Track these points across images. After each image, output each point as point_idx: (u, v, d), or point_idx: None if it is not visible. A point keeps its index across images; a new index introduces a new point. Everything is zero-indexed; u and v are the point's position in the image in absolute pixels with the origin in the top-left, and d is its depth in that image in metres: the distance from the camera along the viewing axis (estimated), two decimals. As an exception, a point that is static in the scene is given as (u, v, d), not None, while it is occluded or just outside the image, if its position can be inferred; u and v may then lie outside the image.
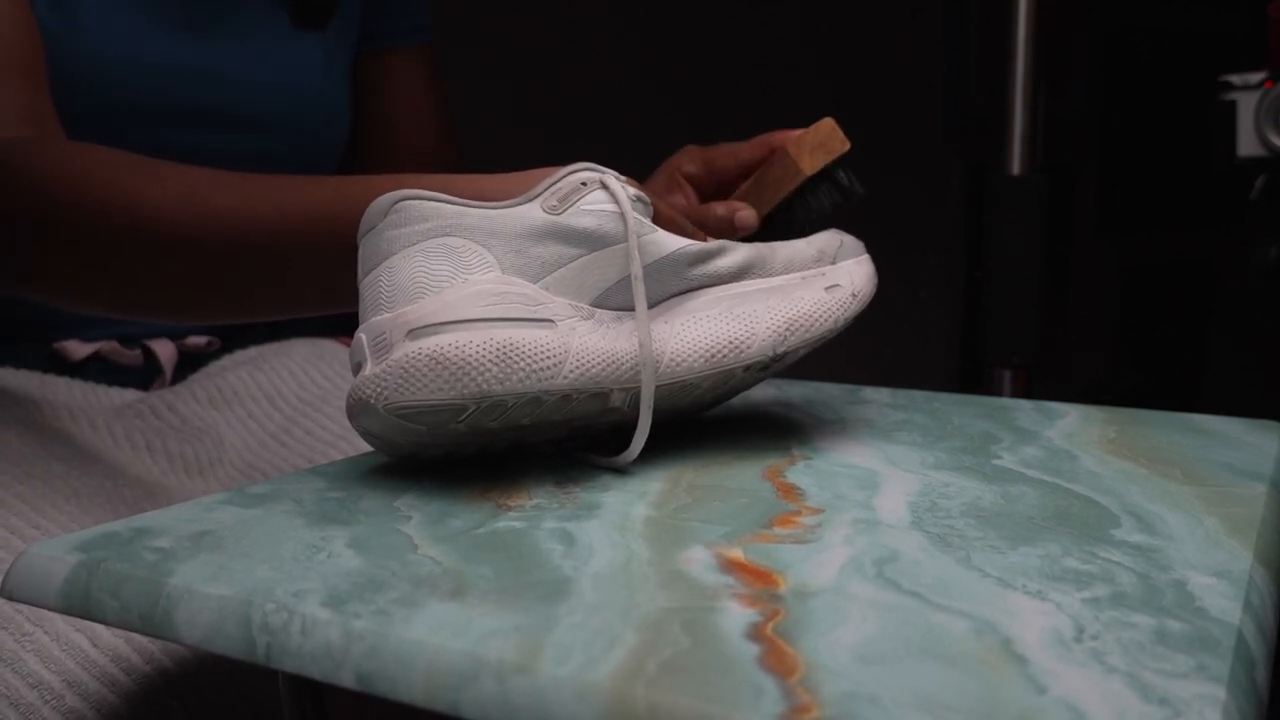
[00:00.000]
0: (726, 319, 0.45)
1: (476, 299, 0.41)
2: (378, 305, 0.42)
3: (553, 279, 0.43)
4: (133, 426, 0.70)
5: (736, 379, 0.46)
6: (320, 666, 0.29)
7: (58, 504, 0.55)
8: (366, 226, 0.43)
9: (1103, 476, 0.44)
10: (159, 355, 0.76)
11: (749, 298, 0.46)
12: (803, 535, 0.36)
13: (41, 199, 0.53)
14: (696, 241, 0.46)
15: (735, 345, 0.45)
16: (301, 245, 0.52)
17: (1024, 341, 1.08)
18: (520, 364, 0.40)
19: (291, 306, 0.55)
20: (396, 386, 0.40)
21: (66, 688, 0.46)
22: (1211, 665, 0.26)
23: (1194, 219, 1.81)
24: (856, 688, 0.25)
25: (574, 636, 0.28)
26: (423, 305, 0.41)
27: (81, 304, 0.56)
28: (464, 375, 0.40)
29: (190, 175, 0.54)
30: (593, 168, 0.45)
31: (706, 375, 0.44)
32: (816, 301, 0.46)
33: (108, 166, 0.54)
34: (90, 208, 0.53)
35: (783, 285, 0.47)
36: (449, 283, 0.42)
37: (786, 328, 0.45)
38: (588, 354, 0.42)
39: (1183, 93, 1.70)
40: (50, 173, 0.54)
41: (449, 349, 0.40)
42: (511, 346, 0.40)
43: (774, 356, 0.45)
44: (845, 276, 0.48)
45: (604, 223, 0.44)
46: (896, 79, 2.38)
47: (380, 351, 0.41)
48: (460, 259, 0.42)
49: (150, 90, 0.70)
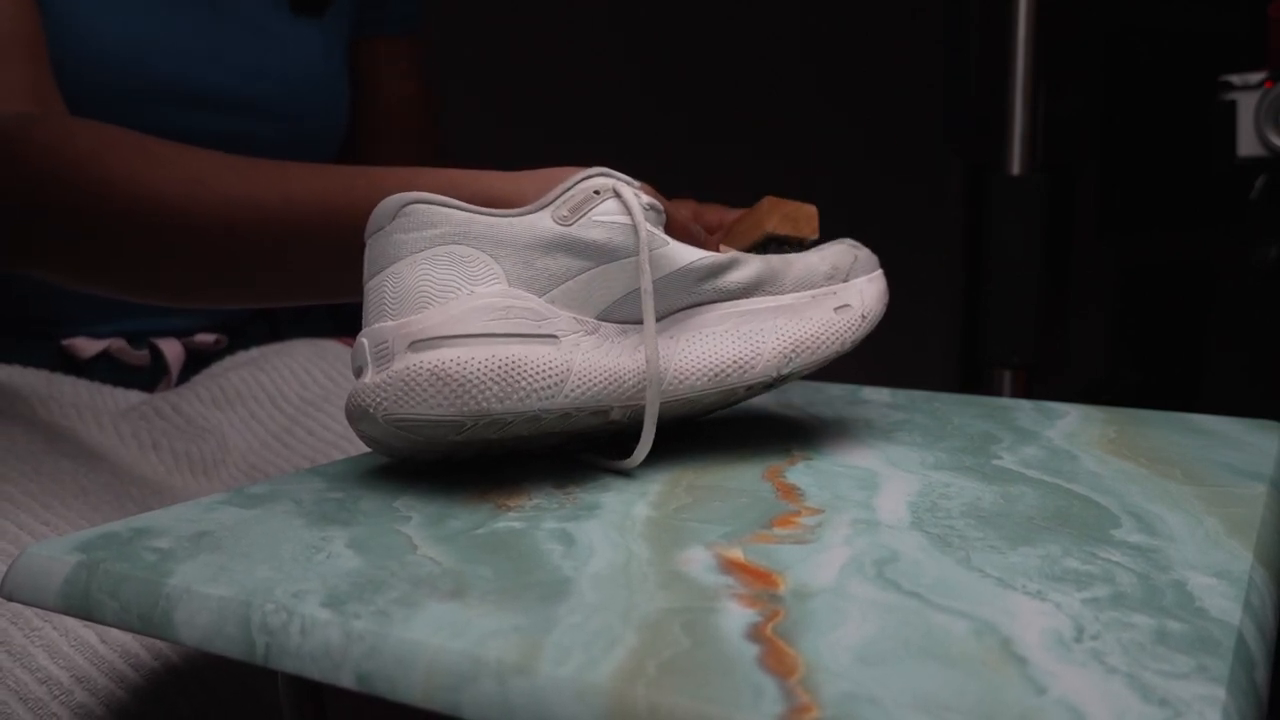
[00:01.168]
0: (733, 337, 0.45)
1: (481, 313, 0.41)
2: (382, 311, 0.42)
3: (559, 292, 0.43)
4: (138, 426, 0.70)
5: (739, 396, 0.46)
6: (320, 667, 0.29)
7: (66, 501, 0.55)
8: (374, 227, 0.43)
9: (1103, 476, 0.44)
10: (166, 356, 0.77)
11: (757, 316, 0.46)
12: (803, 535, 0.36)
13: (45, 175, 0.53)
14: (709, 254, 0.45)
15: (740, 365, 0.44)
16: (306, 235, 0.52)
17: (1024, 341, 1.08)
18: (522, 383, 0.40)
19: (294, 295, 0.55)
20: (396, 398, 0.40)
21: (76, 683, 0.46)
22: (1211, 666, 0.26)
23: (1194, 219, 1.81)
24: (856, 688, 0.25)
25: (574, 637, 0.28)
26: (427, 316, 0.41)
27: (80, 282, 0.56)
28: (464, 392, 0.39)
29: (197, 159, 0.53)
30: (607, 174, 0.45)
31: (709, 393, 0.44)
32: (825, 323, 0.46)
33: (113, 146, 0.53)
34: (94, 187, 0.52)
35: (792, 304, 0.46)
36: (454, 293, 0.41)
37: (793, 349, 0.45)
38: (590, 372, 0.42)
39: (1183, 93, 1.71)
40: (54, 149, 0.53)
41: (451, 365, 0.40)
42: (513, 365, 0.40)
43: (778, 377, 0.45)
44: (856, 296, 0.47)
45: (615, 235, 0.43)
46: (896, 79, 2.38)
47: (382, 360, 0.41)
48: (467, 269, 0.42)
49: (149, 72, 0.70)
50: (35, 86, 0.61)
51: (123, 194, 0.52)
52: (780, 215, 0.59)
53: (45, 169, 0.53)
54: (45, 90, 0.61)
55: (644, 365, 0.43)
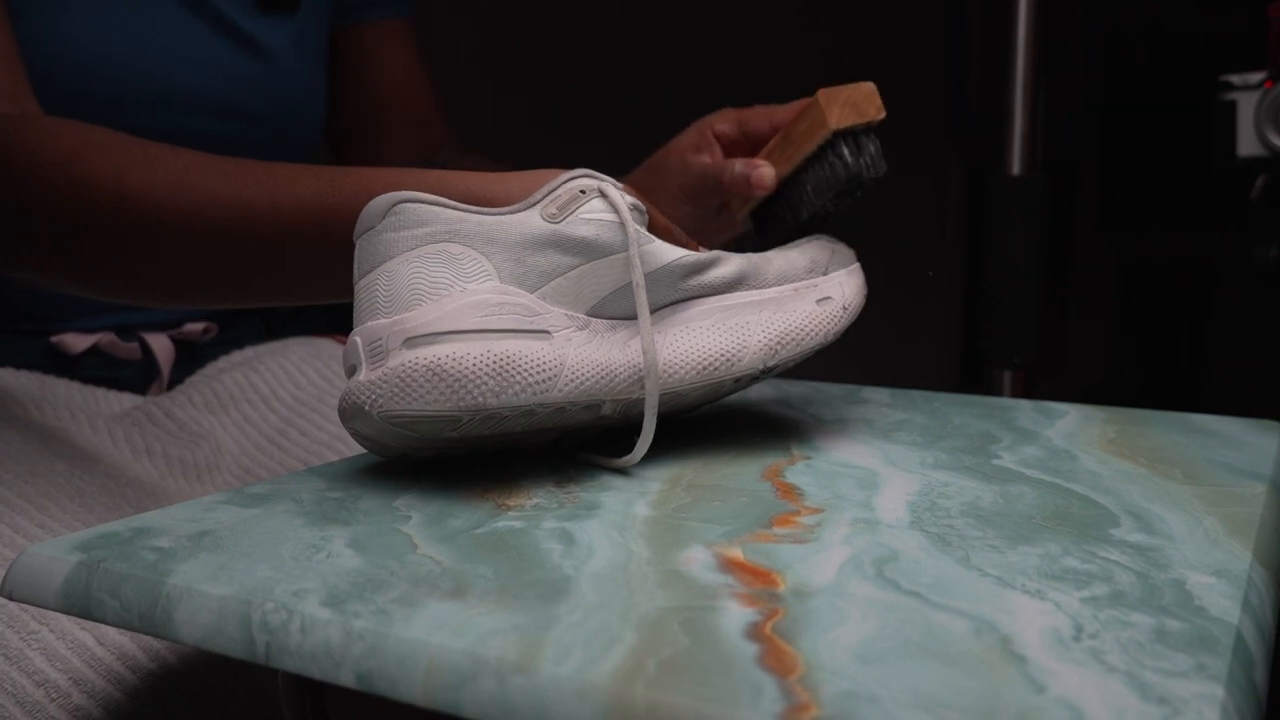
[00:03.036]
0: (719, 331, 0.45)
1: (475, 309, 0.41)
2: (374, 309, 0.42)
3: (550, 288, 0.43)
4: (131, 431, 0.70)
5: (725, 389, 0.47)
6: (320, 666, 0.29)
7: (61, 503, 0.55)
8: (364, 227, 0.43)
9: (1102, 476, 0.44)
10: (156, 353, 0.76)
11: (741, 309, 0.46)
12: (802, 535, 0.36)
13: (27, 176, 0.52)
14: (692, 252, 0.46)
15: (727, 358, 0.45)
16: (293, 237, 0.52)
17: (1024, 341, 1.08)
18: (517, 377, 0.40)
19: (282, 295, 0.55)
20: (392, 395, 0.40)
21: (73, 685, 0.46)
22: (1210, 664, 0.26)
23: (1194, 219, 1.81)
24: (856, 687, 0.25)
25: (573, 636, 0.28)
26: (421, 313, 0.41)
27: (65, 284, 0.55)
28: (460, 387, 0.40)
29: (182, 159, 0.53)
30: (591, 175, 0.45)
31: (697, 386, 0.45)
32: (808, 314, 0.47)
33: (97, 146, 0.53)
34: (77, 188, 0.52)
35: (775, 298, 0.47)
36: (447, 290, 0.41)
37: (778, 341, 0.46)
38: (583, 366, 0.42)
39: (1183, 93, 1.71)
40: (36, 150, 0.53)
41: (446, 360, 0.40)
42: (508, 359, 0.40)
43: (764, 369, 0.46)
44: (837, 289, 0.48)
45: (602, 232, 0.44)
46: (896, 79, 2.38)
47: (376, 357, 0.41)
48: (459, 266, 0.42)
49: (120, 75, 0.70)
50: (10, 87, 0.60)
51: (107, 195, 0.51)
52: (840, 105, 0.54)
53: (27, 171, 0.52)
54: (20, 91, 0.60)
55: (635, 359, 0.43)
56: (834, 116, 0.54)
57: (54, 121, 0.55)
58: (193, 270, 0.53)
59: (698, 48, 2.16)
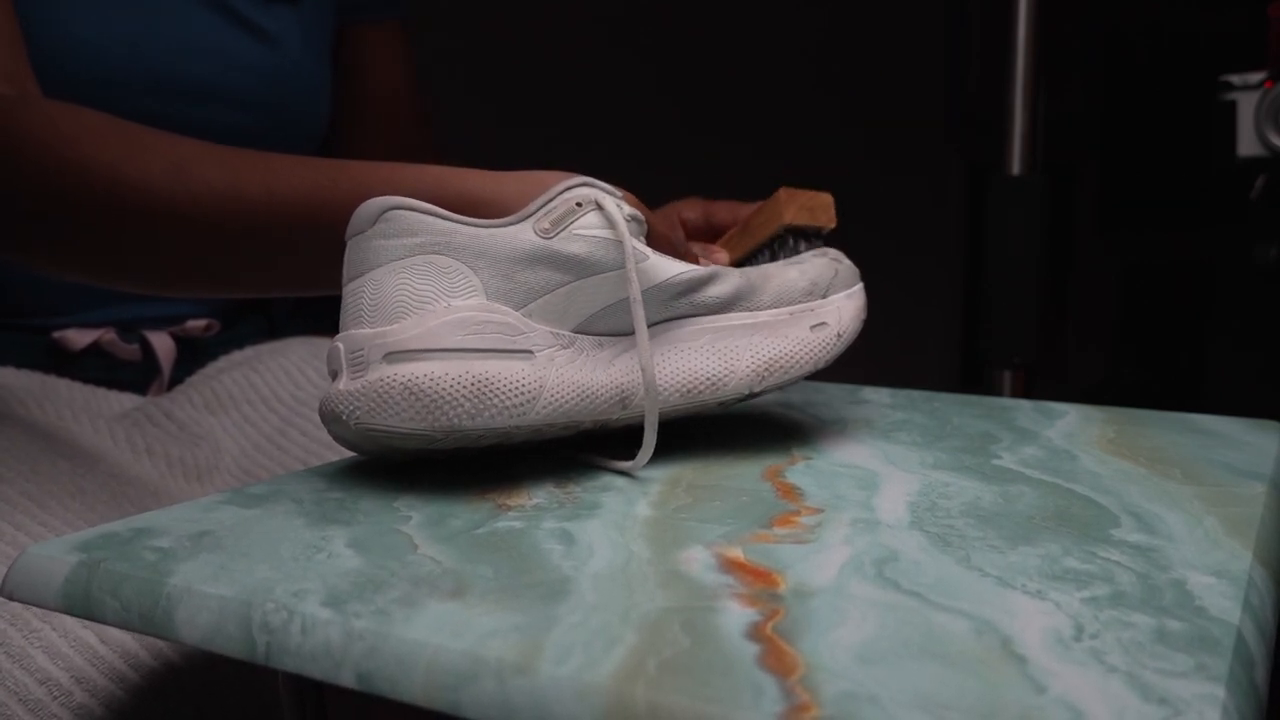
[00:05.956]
0: (707, 354, 0.45)
1: (457, 327, 0.41)
2: (359, 318, 0.42)
3: (537, 305, 0.43)
4: (132, 432, 0.70)
5: (710, 410, 0.46)
6: (320, 666, 0.29)
7: (63, 501, 0.55)
8: (355, 229, 0.43)
9: (1102, 476, 0.44)
10: (157, 352, 0.76)
11: (733, 332, 0.46)
12: (802, 535, 0.36)
13: (23, 159, 0.52)
14: (689, 268, 0.45)
15: (713, 382, 0.45)
16: (288, 229, 0.51)
17: (1024, 341, 1.08)
18: (494, 400, 0.40)
19: (278, 286, 0.55)
20: (369, 408, 0.40)
21: (75, 684, 0.46)
22: (1211, 664, 0.26)
23: (1194, 219, 1.81)
24: (856, 687, 0.25)
25: (574, 636, 0.28)
26: (403, 328, 0.41)
27: (60, 270, 0.55)
28: (436, 408, 0.39)
29: (180, 147, 0.53)
30: (590, 184, 0.44)
31: (680, 408, 0.45)
32: (800, 341, 0.46)
33: (94, 131, 0.53)
34: (74, 173, 0.51)
35: (769, 321, 0.46)
36: (431, 305, 0.41)
37: (765, 368, 0.45)
38: (563, 388, 0.42)
39: (1183, 93, 1.71)
40: (34, 133, 0.52)
41: (424, 380, 0.39)
42: (486, 382, 0.40)
43: (750, 394, 0.45)
44: (834, 314, 0.47)
45: (595, 250, 0.43)
46: (896, 79, 2.38)
47: (356, 367, 0.41)
48: (445, 280, 0.41)
49: (126, 63, 0.70)
50: (11, 71, 0.60)
51: (103, 179, 0.51)
52: (797, 206, 0.58)
53: (24, 154, 0.52)
54: (21, 75, 0.60)
55: (618, 380, 0.43)
56: (790, 213, 0.58)
57: (52, 105, 0.54)
58: (187, 258, 0.53)
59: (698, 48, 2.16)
